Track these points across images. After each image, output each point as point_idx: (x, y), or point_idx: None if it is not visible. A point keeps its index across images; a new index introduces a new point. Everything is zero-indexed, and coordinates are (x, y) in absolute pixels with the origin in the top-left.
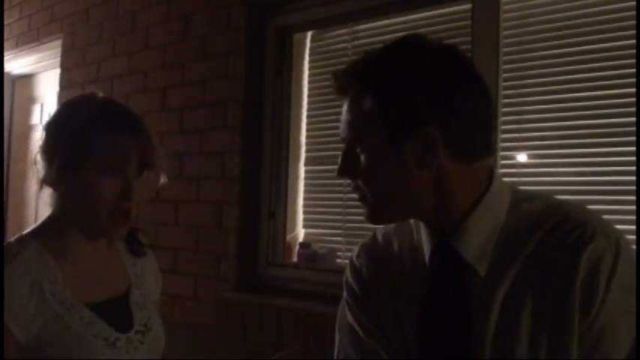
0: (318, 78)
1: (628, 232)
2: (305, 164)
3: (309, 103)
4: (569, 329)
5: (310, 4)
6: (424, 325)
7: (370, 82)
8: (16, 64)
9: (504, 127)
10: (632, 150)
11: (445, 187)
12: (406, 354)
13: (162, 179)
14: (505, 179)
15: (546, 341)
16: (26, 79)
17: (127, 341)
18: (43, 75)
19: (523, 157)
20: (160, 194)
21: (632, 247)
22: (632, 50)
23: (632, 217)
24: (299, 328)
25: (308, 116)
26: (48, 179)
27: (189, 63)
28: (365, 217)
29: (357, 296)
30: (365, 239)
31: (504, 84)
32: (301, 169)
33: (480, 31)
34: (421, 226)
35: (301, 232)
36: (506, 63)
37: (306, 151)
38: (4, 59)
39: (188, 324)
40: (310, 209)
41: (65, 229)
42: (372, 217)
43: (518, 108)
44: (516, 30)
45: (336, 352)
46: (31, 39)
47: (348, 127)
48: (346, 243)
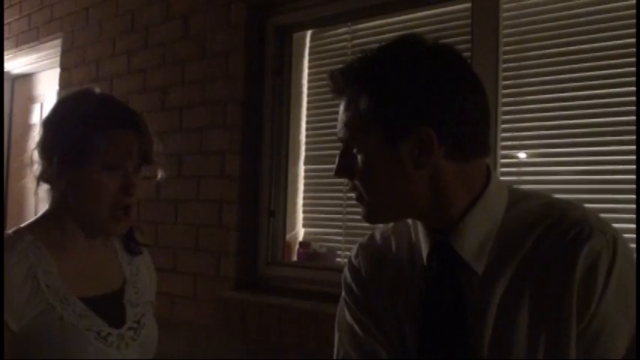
0: (317, 77)
1: (627, 231)
2: (305, 163)
3: (308, 102)
4: (567, 328)
5: (310, 3)
6: (422, 324)
7: (366, 82)
8: (16, 63)
9: (504, 126)
10: (631, 149)
11: (442, 186)
12: (405, 353)
13: (160, 174)
14: (504, 178)
15: (544, 340)
16: (26, 78)
17: (118, 337)
18: (42, 74)
19: (522, 156)
20: (160, 193)
21: (630, 245)
22: (632, 49)
23: (631, 216)
24: (299, 327)
25: (308, 115)
26: (46, 175)
27: (188, 62)
28: (362, 217)
29: (355, 295)
30: (363, 239)
31: (504, 82)
32: (301, 168)
33: (480, 30)
34: (419, 226)
35: (301, 231)
36: (506, 62)
37: (306, 150)
38: (3, 58)
39: (188, 323)
40: (310, 208)
41: (62, 224)
42: (369, 217)
43: (517, 107)
44: (516, 29)
45: (336, 351)
46: (31, 38)
47: (344, 127)
48: (346, 242)
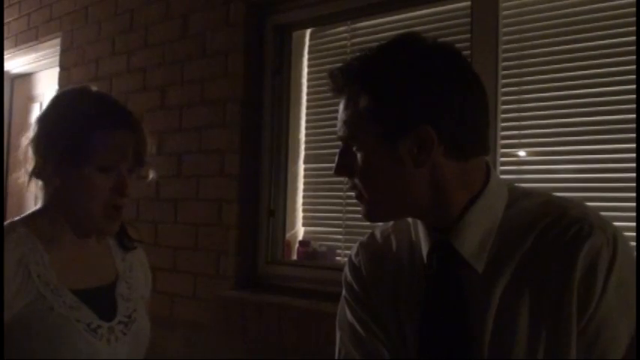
0: (317, 75)
1: (627, 229)
2: (304, 162)
3: (308, 100)
4: (567, 326)
5: (309, 1)
6: (423, 323)
7: (366, 81)
8: (15, 62)
9: (503, 125)
10: (631, 147)
11: (441, 184)
12: (405, 351)
13: (152, 175)
14: (504, 176)
15: (545, 338)
16: (25, 77)
17: (108, 330)
18: (42, 74)
19: (522, 154)
20: (160, 192)
21: (630, 243)
22: (632, 47)
23: (632, 214)
24: (298, 325)
25: (307, 114)
26: (39, 172)
27: (188, 61)
28: (362, 216)
29: (356, 294)
30: (363, 237)
31: (503, 81)
32: (301, 166)
33: (479, 28)
34: (419, 224)
35: (301, 230)
36: (506, 60)
37: (306, 149)
38: (3, 58)
39: (187, 322)
40: (310, 207)
41: (54, 220)
42: (369, 216)
43: (517, 105)
44: (515, 27)
45: (337, 350)
46: (30, 37)
47: (344, 125)
48: (346, 241)
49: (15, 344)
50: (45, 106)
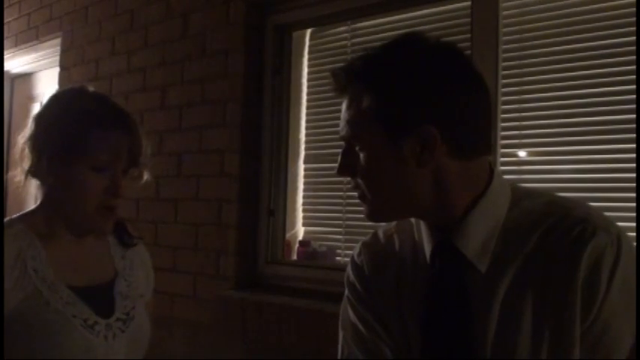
0: (317, 75)
1: (628, 229)
2: (304, 162)
3: (308, 100)
4: (570, 327)
5: (309, 1)
6: (426, 323)
7: (369, 80)
8: (15, 62)
9: (504, 124)
10: (632, 147)
11: (444, 184)
12: (409, 351)
13: (147, 176)
14: (506, 176)
15: (548, 338)
16: (25, 77)
17: (106, 327)
18: (42, 73)
19: (522, 154)
20: (160, 192)
21: (633, 243)
22: (632, 47)
23: (632, 214)
24: (298, 325)
25: (307, 114)
26: (35, 171)
27: (188, 61)
28: (364, 216)
29: (359, 294)
30: (366, 237)
31: (504, 81)
32: (301, 166)
33: (480, 28)
34: (422, 224)
35: (301, 230)
36: (506, 60)
37: (306, 149)
38: (3, 58)
39: (188, 322)
40: (310, 207)
41: (51, 218)
42: (372, 216)
43: (517, 105)
44: (516, 27)
45: (340, 349)
46: (30, 37)
47: (347, 125)
48: (346, 241)
49: (13, 339)
50: (43, 105)
